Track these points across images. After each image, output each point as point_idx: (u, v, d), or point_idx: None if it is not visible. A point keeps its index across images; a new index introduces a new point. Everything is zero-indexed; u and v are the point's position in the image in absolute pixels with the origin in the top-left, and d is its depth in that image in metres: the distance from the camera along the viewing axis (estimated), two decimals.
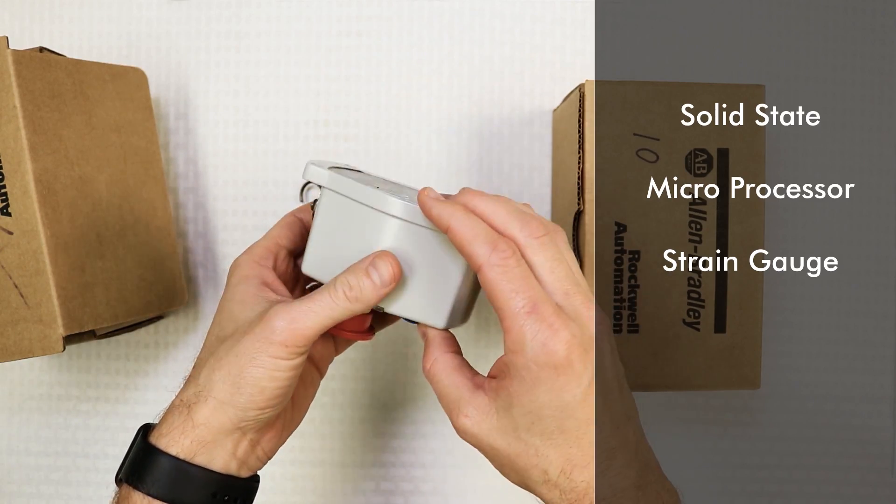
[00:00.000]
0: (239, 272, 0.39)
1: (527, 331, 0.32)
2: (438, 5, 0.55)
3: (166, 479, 0.35)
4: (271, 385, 0.35)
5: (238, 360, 0.35)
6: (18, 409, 0.57)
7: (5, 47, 0.40)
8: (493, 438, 0.34)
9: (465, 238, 0.33)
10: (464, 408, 0.35)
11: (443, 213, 0.34)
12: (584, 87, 0.44)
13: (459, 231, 0.33)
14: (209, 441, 0.36)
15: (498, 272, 0.33)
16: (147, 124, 0.52)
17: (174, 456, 0.35)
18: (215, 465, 0.36)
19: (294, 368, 0.36)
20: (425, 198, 0.35)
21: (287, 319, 0.35)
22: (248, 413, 0.36)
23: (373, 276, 0.35)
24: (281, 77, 0.56)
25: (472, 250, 0.33)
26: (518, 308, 0.32)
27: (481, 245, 0.33)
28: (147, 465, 0.36)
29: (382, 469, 0.56)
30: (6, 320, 0.41)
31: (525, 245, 0.34)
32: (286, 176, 0.55)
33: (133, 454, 0.37)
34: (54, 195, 0.42)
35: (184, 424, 0.36)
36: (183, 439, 0.36)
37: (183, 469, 0.35)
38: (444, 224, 0.34)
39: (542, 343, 0.32)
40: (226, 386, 0.35)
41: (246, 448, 0.37)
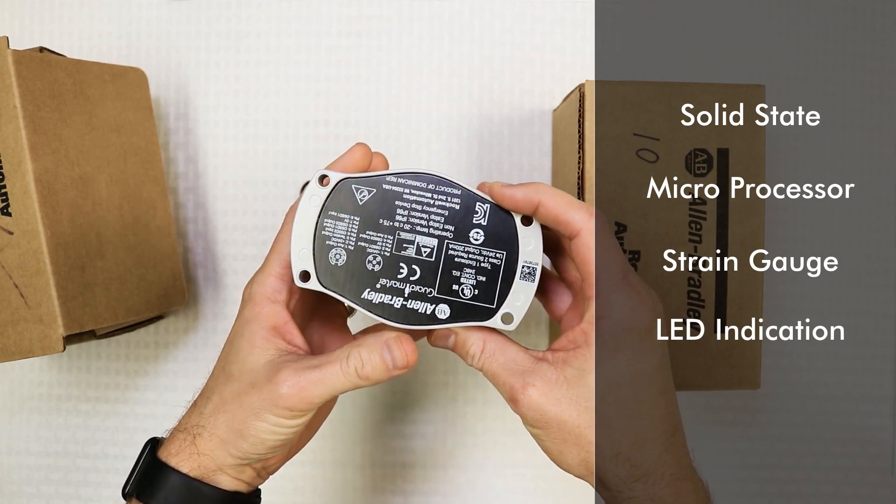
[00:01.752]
0: (251, 307, 0.37)
1: (618, 296, 0.33)
2: (438, 5, 0.55)
3: (178, 495, 0.35)
4: (273, 438, 0.35)
5: (241, 411, 0.35)
6: (18, 409, 0.57)
7: (5, 47, 0.40)
8: (563, 409, 0.33)
9: (561, 205, 0.34)
10: (530, 378, 0.34)
11: (528, 192, 0.34)
12: (584, 87, 0.44)
13: (552, 201, 0.34)
14: (214, 469, 0.36)
15: (598, 236, 0.33)
16: (147, 124, 0.52)
17: (185, 474, 0.36)
18: (223, 485, 0.36)
19: (298, 426, 0.35)
20: (500, 188, 0.35)
21: (296, 388, 0.34)
22: (251, 456, 0.36)
23: (386, 358, 0.35)
24: (281, 77, 0.56)
25: (570, 216, 0.34)
26: (613, 273, 0.33)
27: (579, 211, 0.34)
28: (159, 481, 0.36)
29: (382, 469, 0.56)
30: (6, 320, 0.41)
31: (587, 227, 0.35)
32: (286, 176, 0.55)
33: (143, 469, 0.37)
34: (54, 195, 0.42)
35: (189, 449, 0.36)
36: (191, 461, 0.36)
37: (194, 487, 0.36)
38: (535, 201, 0.34)
39: (632, 308, 0.33)
40: (229, 431, 0.35)
41: (251, 473, 0.37)
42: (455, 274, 0.36)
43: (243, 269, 0.56)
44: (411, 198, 0.36)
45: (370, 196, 0.36)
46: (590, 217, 0.34)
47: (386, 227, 0.36)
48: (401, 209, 0.36)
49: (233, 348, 0.37)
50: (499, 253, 0.36)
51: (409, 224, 0.36)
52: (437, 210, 0.36)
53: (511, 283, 0.36)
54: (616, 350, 0.33)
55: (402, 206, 0.36)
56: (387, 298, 0.36)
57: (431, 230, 0.36)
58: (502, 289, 0.36)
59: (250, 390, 0.35)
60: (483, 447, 0.55)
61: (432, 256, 0.36)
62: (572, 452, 0.34)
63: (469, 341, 0.36)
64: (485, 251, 0.36)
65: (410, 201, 0.36)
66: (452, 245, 0.36)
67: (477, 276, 0.36)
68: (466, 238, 0.36)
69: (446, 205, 0.36)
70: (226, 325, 0.56)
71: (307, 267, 0.36)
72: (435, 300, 0.36)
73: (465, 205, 0.36)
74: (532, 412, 0.34)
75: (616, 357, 0.33)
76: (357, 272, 0.36)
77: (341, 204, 0.36)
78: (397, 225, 0.36)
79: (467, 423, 0.55)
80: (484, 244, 0.36)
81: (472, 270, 0.36)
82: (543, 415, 0.34)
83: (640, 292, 0.34)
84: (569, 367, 0.34)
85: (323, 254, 0.36)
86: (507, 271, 0.36)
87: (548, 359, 0.35)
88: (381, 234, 0.36)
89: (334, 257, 0.36)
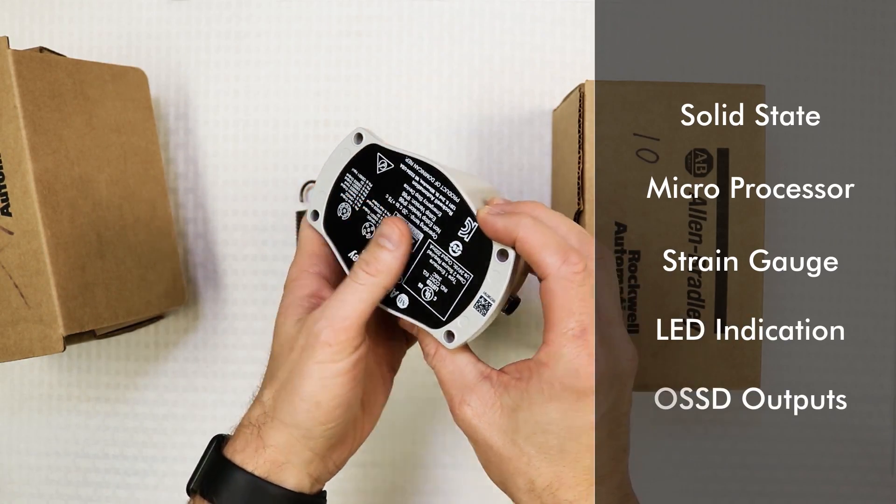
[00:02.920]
0: (289, 287, 0.38)
1: (566, 352, 0.32)
2: (438, 5, 0.55)
3: (241, 494, 0.35)
4: (327, 396, 0.34)
5: (290, 378, 0.35)
6: (18, 409, 0.57)
7: (6, 47, 0.40)
8: (491, 434, 0.34)
9: (535, 245, 0.33)
10: (467, 396, 0.35)
11: (509, 225, 0.33)
12: (584, 87, 0.44)
13: (528, 239, 0.33)
14: (282, 462, 0.36)
15: (563, 286, 0.32)
16: (147, 124, 0.52)
17: (250, 472, 0.35)
18: (288, 484, 0.36)
19: (345, 372, 0.35)
20: (485, 215, 0.34)
21: (323, 319, 0.34)
22: (313, 431, 0.35)
23: (384, 244, 0.35)
24: (281, 77, 0.56)
25: (542, 258, 0.33)
26: (568, 328, 0.32)
27: (552, 254, 0.33)
28: (223, 479, 0.36)
29: (382, 469, 0.56)
30: (6, 320, 0.41)
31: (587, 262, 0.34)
32: (286, 176, 0.55)
33: (207, 466, 0.37)
34: (54, 195, 0.42)
35: (256, 443, 0.36)
36: (257, 458, 0.36)
37: (259, 486, 0.35)
38: (512, 234, 0.33)
39: (577, 368, 0.32)
40: (285, 406, 0.35)
41: (318, 465, 0.37)
42: (424, 274, 0.36)
43: (243, 270, 0.56)
44: (419, 186, 0.37)
45: (387, 169, 0.37)
46: (562, 263, 0.32)
47: (389, 203, 0.37)
48: (405, 193, 0.37)
49: (275, 330, 0.37)
50: (467, 273, 0.35)
51: (408, 210, 0.37)
52: (433, 208, 0.36)
53: (467, 305, 0.35)
54: (550, 400, 0.33)
55: (408, 190, 0.37)
56: None
57: (422, 224, 0.37)
58: (457, 307, 0.36)
59: (290, 353, 0.35)
60: None
61: (413, 248, 0.37)
62: (493, 472, 0.35)
63: (427, 339, 0.37)
64: (457, 266, 0.36)
65: (416, 190, 0.37)
66: (433, 246, 0.36)
67: (441, 284, 0.36)
68: (446, 246, 0.36)
69: (443, 207, 0.36)
70: (226, 325, 0.56)
71: (320, 209, 0.39)
72: (400, 288, 0.37)
73: (458, 214, 0.36)
74: (464, 426, 0.35)
75: (549, 406, 0.33)
76: (352, 232, 0.38)
77: (364, 165, 0.38)
78: (398, 206, 0.37)
79: None
80: (459, 259, 0.36)
81: (439, 277, 0.36)
82: (474, 434, 0.35)
83: (593, 354, 0.32)
84: (507, 396, 0.34)
85: (334, 203, 0.39)
86: (468, 294, 0.35)
87: (492, 379, 0.35)
88: (382, 208, 0.37)
89: (341, 210, 0.38)
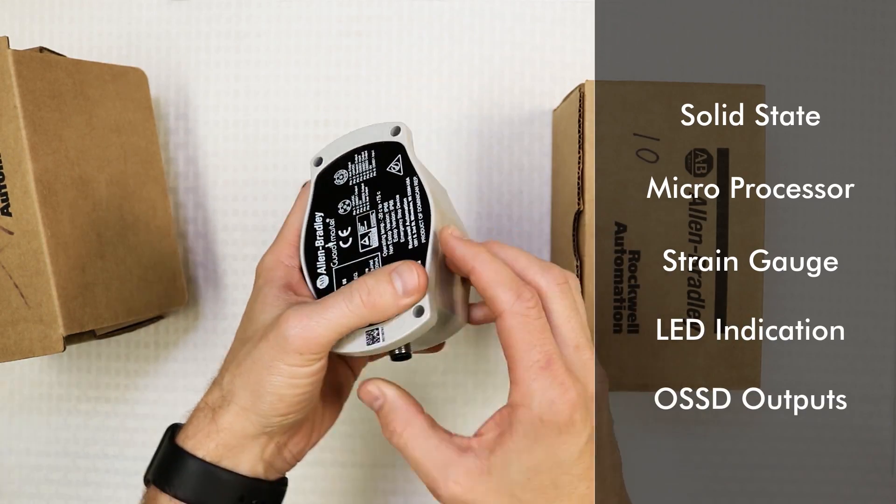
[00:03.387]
0: (264, 274, 0.38)
1: (537, 386, 0.32)
2: (438, 5, 0.55)
3: (193, 481, 0.35)
4: (291, 392, 0.34)
5: (255, 366, 0.34)
6: (18, 409, 0.57)
7: (6, 47, 0.40)
8: (487, 499, 0.33)
9: (490, 281, 0.33)
10: (452, 474, 0.33)
11: (467, 255, 0.34)
12: (584, 87, 0.44)
13: (484, 274, 0.33)
14: (234, 445, 0.35)
15: (519, 321, 0.32)
16: (147, 124, 0.52)
17: (201, 458, 0.35)
18: (242, 469, 0.35)
19: (313, 374, 0.34)
20: (448, 237, 0.34)
21: (300, 327, 0.33)
22: (271, 420, 0.35)
23: (398, 286, 0.33)
24: (281, 77, 0.56)
25: (496, 294, 0.33)
26: (533, 361, 0.32)
27: (506, 291, 0.33)
28: (174, 467, 0.35)
29: (382, 469, 0.56)
30: (6, 320, 0.41)
31: (546, 292, 0.34)
32: (286, 176, 0.55)
33: (161, 455, 0.36)
34: (55, 195, 0.42)
35: (208, 427, 0.35)
36: (208, 442, 0.35)
37: (210, 472, 0.35)
38: (468, 265, 0.34)
39: (551, 401, 0.32)
40: (246, 393, 0.34)
41: (272, 451, 0.37)
42: (355, 276, 0.36)
43: (243, 270, 0.56)
44: (405, 206, 0.36)
45: (395, 173, 0.38)
46: (515, 300, 0.32)
47: (375, 200, 0.38)
48: (393, 202, 0.37)
49: (246, 316, 0.37)
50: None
51: (382, 216, 0.37)
52: (401, 232, 0.36)
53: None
54: (536, 441, 0.32)
55: (396, 202, 0.37)
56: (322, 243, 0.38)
57: (383, 237, 0.36)
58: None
59: (259, 343, 0.34)
60: None
61: (362, 250, 0.36)
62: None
63: (393, 415, 0.35)
64: None
65: (402, 207, 0.36)
66: (377, 261, 0.36)
67: None
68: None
69: (409, 237, 0.36)
70: (226, 325, 0.56)
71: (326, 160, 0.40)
72: (329, 271, 0.37)
73: (414, 253, 0.35)
74: (456, 501, 0.33)
75: (534, 448, 0.32)
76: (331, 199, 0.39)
77: (381, 154, 0.39)
78: (379, 208, 0.37)
79: (467, 424, 0.55)
80: None
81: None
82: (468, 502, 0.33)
83: (564, 382, 0.32)
84: (494, 456, 0.33)
85: (338, 166, 0.39)
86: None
87: (473, 447, 0.33)
88: (367, 199, 0.38)
89: (339, 175, 0.39)
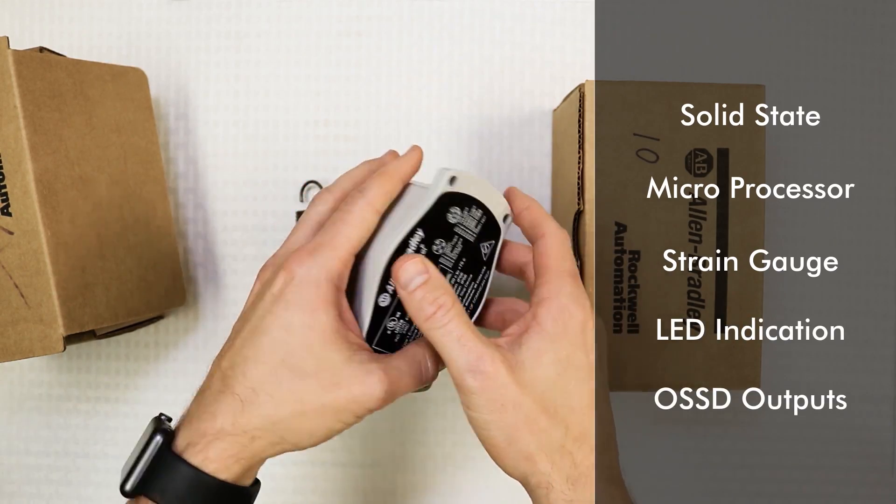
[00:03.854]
0: (316, 292, 0.34)
1: (567, 283, 0.35)
2: (438, 5, 0.55)
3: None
4: (334, 433, 0.35)
5: (325, 411, 0.33)
6: (18, 409, 0.57)
7: (6, 47, 0.40)
8: (520, 391, 0.33)
9: (542, 212, 0.38)
10: (488, 359, 0.32)
11: (526, 200, 0.39)
12: (584, 87, 0.44)
13: (537, 208, 0.38)
14: (255, 465, 0.35)
15: (560, 240, 0.36)
16: (147, 124, 0.52)
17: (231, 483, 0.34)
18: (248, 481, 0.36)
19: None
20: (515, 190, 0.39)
21: (390, 390, 0.34)
22: (292, 448, 0.35)
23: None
24: (281, 77, 0.56)
25: (546, 220, 0.37)
26: (565, 269, 0.35)
27: (552, 221, 0.37)
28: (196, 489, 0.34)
29: (382, 469, 0.56)
30: (6, 320, 0.41)
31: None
32: (286, 176, 0.55)
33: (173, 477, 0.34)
34: (55, 195, 0.42)
35: (237, 453, 0.34)
36: (235, 466, 0.34)
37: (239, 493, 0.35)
38: (526, 204, 0.38)
39: (577, 296, 0.35)
40: (295, 431, 0.34)
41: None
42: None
43: (243, 270, 0.56)
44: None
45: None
46: (558, 229, 0.37)
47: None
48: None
49: (297, 338, 0.33)
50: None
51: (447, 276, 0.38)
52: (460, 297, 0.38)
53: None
54: (563, 335, 0.33)
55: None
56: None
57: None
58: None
59: (335, 390, 0.33)
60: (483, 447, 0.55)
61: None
62: (523, 440, 0.33)
63: (440, 292, 0.33)
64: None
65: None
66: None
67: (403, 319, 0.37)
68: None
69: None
70: (226, 325, 0.56)
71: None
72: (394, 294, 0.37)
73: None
74: (490, 393, 0.33)
75: (561, 342, 0.33)
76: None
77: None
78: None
79: (466, 424, 0.55)
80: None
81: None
82: (501, 396, 0.33)
83: (584, 290, 0.36)
84: (523, 350, 0.33)
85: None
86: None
87: (502, 344, 0.34)
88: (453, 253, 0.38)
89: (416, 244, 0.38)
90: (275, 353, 0.34)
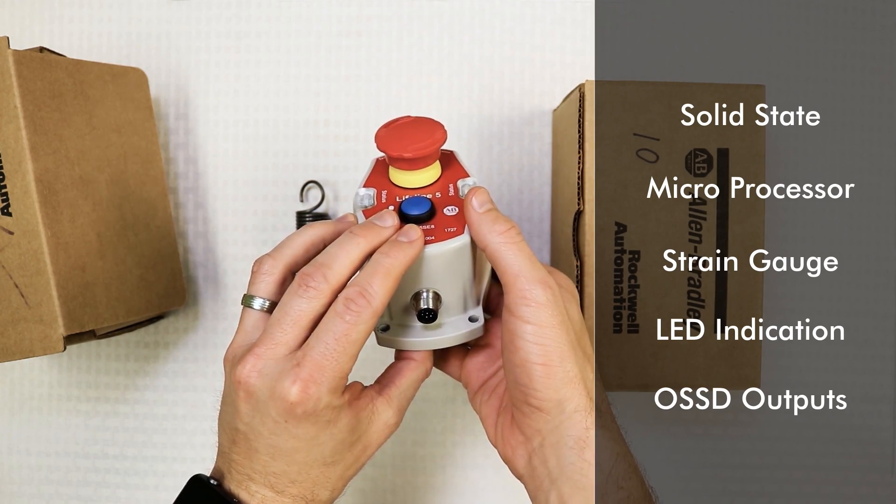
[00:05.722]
0: (330, 410, 0.34)
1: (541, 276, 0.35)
2: (438, 5, 0.55)
3: None
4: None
5: (355, 463, 0.38)
6: (18, 409, 0.57)
7: (6, 47, 0.41)
8: (564, 319, 0.35)
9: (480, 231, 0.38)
10: (553, 279, 0.35)
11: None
12: (584, 87, 0.44)
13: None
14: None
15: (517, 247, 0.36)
16: (147, 124, 0.52)
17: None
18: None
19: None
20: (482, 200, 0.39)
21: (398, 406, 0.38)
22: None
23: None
24: (281, 77, 0.56)
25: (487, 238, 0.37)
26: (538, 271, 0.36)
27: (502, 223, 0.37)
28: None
29: (382, 469, 0.56)
30: (7, 320, 0.41)
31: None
32: (286, 176, 0.55)
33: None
34: (55, 195, 0.42)
35: None
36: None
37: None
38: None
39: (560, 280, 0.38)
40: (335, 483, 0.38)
41: None
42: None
43: (243, 270, 0.56)
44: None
45: None
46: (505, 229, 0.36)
47: None
48: None
49: (327, 448, 0.35)
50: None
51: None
52: None
53: None
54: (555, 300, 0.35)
55: None
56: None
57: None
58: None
59: (366, 451, 0.38)
60: (483, 447, 0.55)
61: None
62: (569, 361, 0.35)
63: (506, 218, 0.36)
64: None
65: None
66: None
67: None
68: None
69: None
70: (226, 325, 0.56)
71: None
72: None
73: None
74: (556, 307, 0.34)
75: (558, 302, 0.35)
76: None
77: None
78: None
79: (466, 424, 0.55)
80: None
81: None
82: (562, 313, 0.35)
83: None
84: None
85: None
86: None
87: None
88: None
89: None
90: (313, 466, 0.36)
